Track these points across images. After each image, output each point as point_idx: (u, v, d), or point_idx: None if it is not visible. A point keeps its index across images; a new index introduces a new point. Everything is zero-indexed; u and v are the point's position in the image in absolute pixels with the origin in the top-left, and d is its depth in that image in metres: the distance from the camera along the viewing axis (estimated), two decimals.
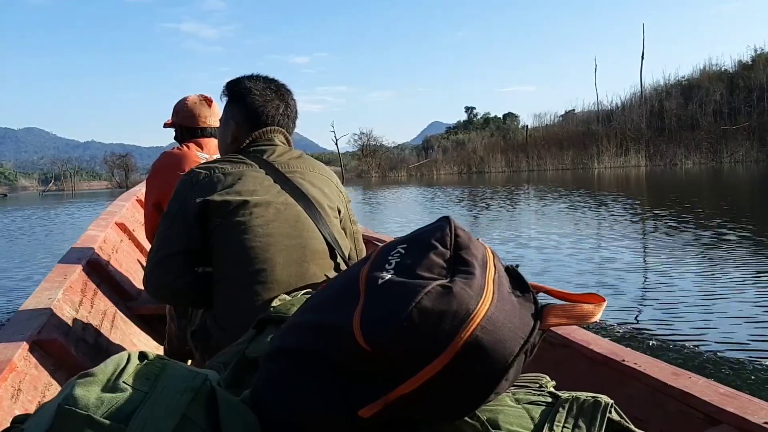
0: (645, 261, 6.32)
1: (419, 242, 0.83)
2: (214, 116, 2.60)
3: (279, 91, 1.74)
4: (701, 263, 5.92)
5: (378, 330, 0.72)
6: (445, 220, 0.86)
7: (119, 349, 2.08)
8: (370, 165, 52.42)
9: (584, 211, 12.16)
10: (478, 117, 68.49)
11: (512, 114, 66.48)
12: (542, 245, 7.60)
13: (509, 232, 9.15)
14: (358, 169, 52.99)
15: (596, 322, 0.82)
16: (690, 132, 40.75)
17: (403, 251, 0.82)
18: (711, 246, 6.87)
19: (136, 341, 2.34)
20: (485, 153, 48.37)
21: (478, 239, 0.86)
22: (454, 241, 0.82)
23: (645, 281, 5.35)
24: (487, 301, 0.74)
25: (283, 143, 1.71)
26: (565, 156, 43.86)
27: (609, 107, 49.17)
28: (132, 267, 3.13)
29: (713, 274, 5.38)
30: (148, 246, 3.64)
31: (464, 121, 69.24)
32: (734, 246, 6.76)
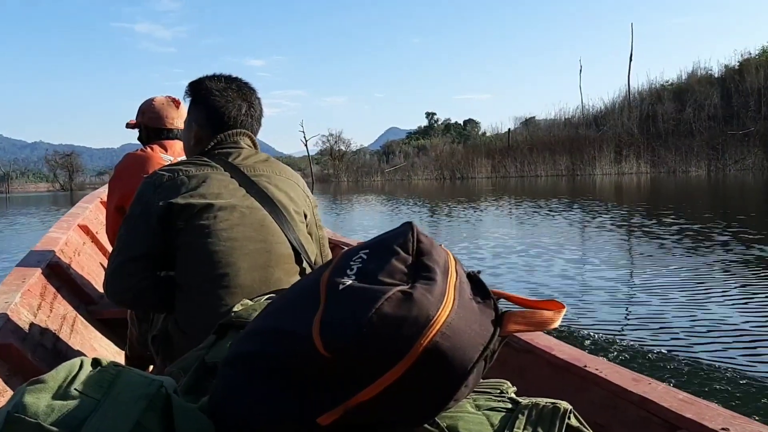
0: (623, 271, 6.40)
1: (381, 247, 0.83)
2: (180, 118, 2.56)
3: (241, 91, 1.71)
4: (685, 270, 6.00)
5: (337, 336, 0.72)
6: (408, 226, 0.85)
7: (79, 354, 2.03)
8: (339, 169, 51.16)
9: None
10: (439, 123, 68.62)
11: (473, 120, 66.84)
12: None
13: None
14: (323, 174, 51.01)
15: (558, 328, 0.82)
16: (688, 138, 38.69)
17: (365, 256, 0.82)
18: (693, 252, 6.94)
19: (96, 346, 2.29)
20: (466, 158, 46.65)
21: (440, 245, 0.86)
22: (416, 247, 0.82)
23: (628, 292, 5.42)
24: (447, 308, 0.73)
25: (249, 146, 1.69)
26: (558, 161, 41.59)
27: (592, 111, 47.50)
28: (95, 270, 3.06)
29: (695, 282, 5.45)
30: (111, 249, 3.57)
31: (425, 126, 69.32)
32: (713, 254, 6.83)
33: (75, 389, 0.78)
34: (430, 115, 70.00)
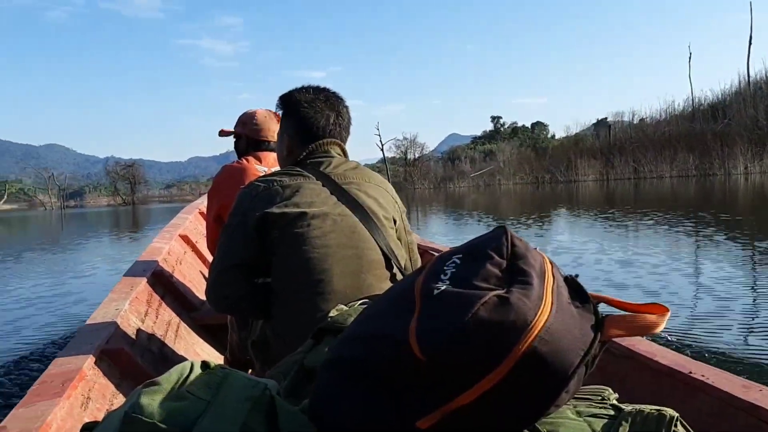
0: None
1: (475, 252, 0.83)
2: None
3: (329, 101, 1.75)
4: None
5: (434, 340, 0.72)
6: (502, 230, 0.85)
7: (183, 358, 2.14)
8: (415, 175, 49.71)
9: None
10: (506, 126, 66.75)
11: (541, 123, 64.75)
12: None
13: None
14: (394, 181, 47.15)
15: (660, 333, 0.80)
16: None
17: (458, 261, 0.82)
18: None
19: (199, 351, 2.40)
20: (564, 158, 43.24)
21: (535, 249, 0.85)
22: (510, 251, 0.81)
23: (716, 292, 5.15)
24: (545, 312, 0.72)
25: (339, 154, 1.73)
26: (680, 159, 36.72)
27: (704, 103, 42.24)
28: (195, 278, 3.21)
29: None
30: (210, 257, 3.74)
31: (490, 130, 67.63)
32: None
33: (186, 391, 0.82)
34: (495, 119, 68.49)
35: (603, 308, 0.81)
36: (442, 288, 0.78)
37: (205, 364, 0.88)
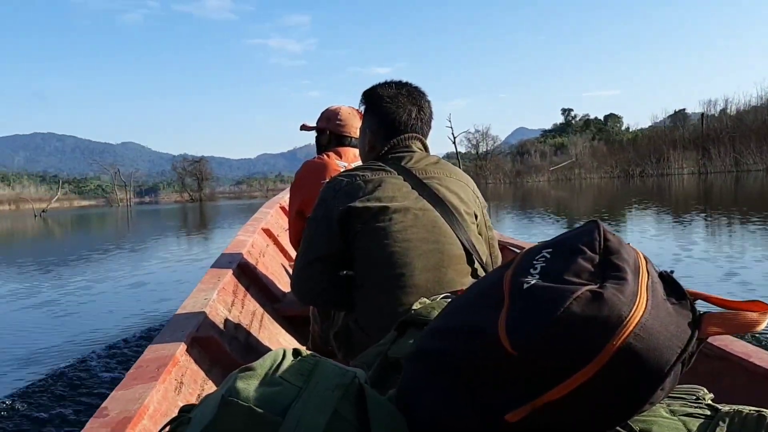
0: None
1: (566, 246, 0.82)
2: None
3: (411, 96, 1.75)
4: None
5: (525, 335, 0.72)
6: (594, 224, 0.84)
7: (267, 348, 2.20)
8: (487, 169, 48.07)
9: None
10: (577, 119, 64.19)
11: (614, 115, 62.03)
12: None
13: None
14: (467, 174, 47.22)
15: (754, 334, 0.77)
16: None
17: (548, 255, 0.81)
18: None
19: (282, 341, 2.46)
20: (649, 149, 40.74)
21: (628, 244, 0.83)
22: (603, 246, 0.80)
23: None
24: (640, 308, 0.71)
25: (420, 149, 1.74)
26: None
27: None
28: (277, 271, 3.29)
29: None
30: (291, 251, 3.83)
31: (561, 123, 65.20)
32: None
33: (280, 377, 0.85)
34: (566, 111, 66.14)
35: (700, 305, 0.78)
36: (532, 282, 0.77)
37: (296, 352, 0.91)
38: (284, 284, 3.18)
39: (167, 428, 0.90)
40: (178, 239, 16.09)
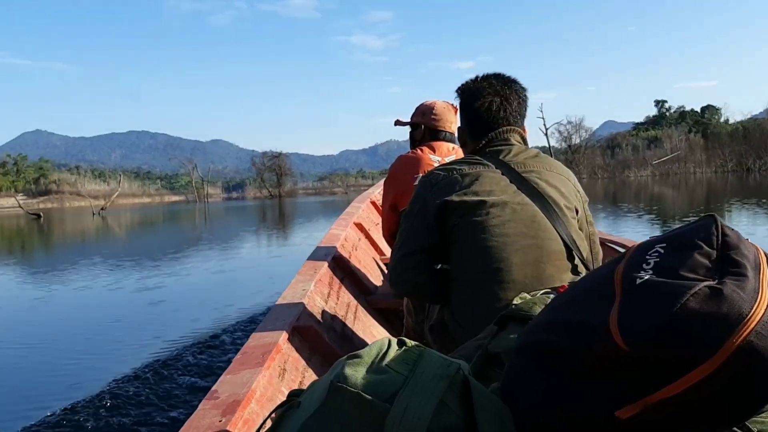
0: None
1: (681, 241, 0.79)
2: (455, 123, 2.71)
3: (506, 89, 1.73)
4: None
5: (638, 331, 0.71)
6: (711, 218, 0.81)
7: (362, 339, 2.24)
8: (580, 162, 45.59)
9: None
10: (672, 111, 60.44)
11: (712, 106, 57.92)
12: None
13: None
14: None
15: None
16: None
17: (662, 251, 0.79)
18: None
19: (375, 333, 2.50)
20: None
21: (747, 239, 0.80)
22: (721, 241, 0.77)
23: None
24: (762, 306, 0.68)
25: (519, 142, 1.72)
26: None
27: None
28: (369, 264, 3.35)
29: None
30: (382, 245, 3.88)
31: (654, 116, 61.56)
32: None
33: (386, 365, 0.88)
34: (659, 103, 62.56)
35: None
36: (645, 277, 0.76)
37: (401, 342, 0.93)
38: (376, 277, 3.23)
39: (278, 411, 0.94)
40: (245, 239, 16.54)
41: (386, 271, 3.46)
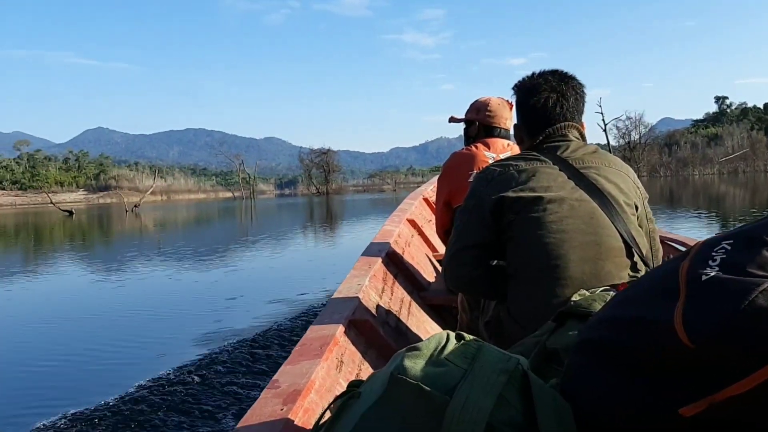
0: None
1: (748, 238, 0.78)
2: (510, 119, 2.68)
3: (563, 85, 1.71)
4: None
5: (705, 328, 0.70)
6: None
7: (416, 334, 2.26)
8: (640, 160, 43.67)
9: None
10: (733, 108, 57.68)
11: None
12: None
13: None
14: None
15: None
16: None
17: (728, 247, 0.78)
18: None
19: (429, 329, 2.51)
20: None
21: None
22: None
23: None
24: None
25: (577, 138, 1.70)
26: None
27: None
28: (422, 260, 3.35)
29: None
30: (435, 241, 3.88)
31: (714, 113, 58.90)
32: None
33: (445, 358, 0.89)
34: (720, 100, 59.87)
35: None
36: (711, 274, 0.74)
37: (459, 336, 0.94)
38: (429, 273, 3.23)
39: (338, 401, 0.96)
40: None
41: (439, 268, 3.46)
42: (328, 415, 0.95)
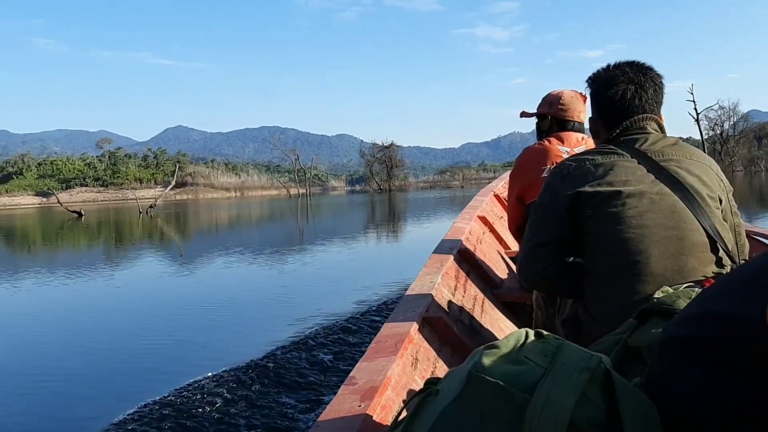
0: None
1: None
2: (584, 112, 2.62)
3: (640, 76, 1.66)
4: None
5: None
6: None
7: (489, 331, 2.24)
8: (734, 153, 41.03)
9: None
10: None
11: None
12: None
13: None
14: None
15: None
16: None
17: None
18: None
19: (502, 326, 2.49)
20: None
21: None
22: None
23: None
24: None
25: (656, 130, 1.64)
26: None
27: None
28: (494, 257, 3.32)
29: None
30: (507, 238, 3.84)
31: None
32: None
33: (524, 356, 0.87)
34: None
35: None
36: None
37: (539, 333, 0.93)
38: (501, 271, 3.19)
39: (415, 398, 0.96)
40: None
41: (511, 265, 3.42)
42: (405, 412, 0.96)
